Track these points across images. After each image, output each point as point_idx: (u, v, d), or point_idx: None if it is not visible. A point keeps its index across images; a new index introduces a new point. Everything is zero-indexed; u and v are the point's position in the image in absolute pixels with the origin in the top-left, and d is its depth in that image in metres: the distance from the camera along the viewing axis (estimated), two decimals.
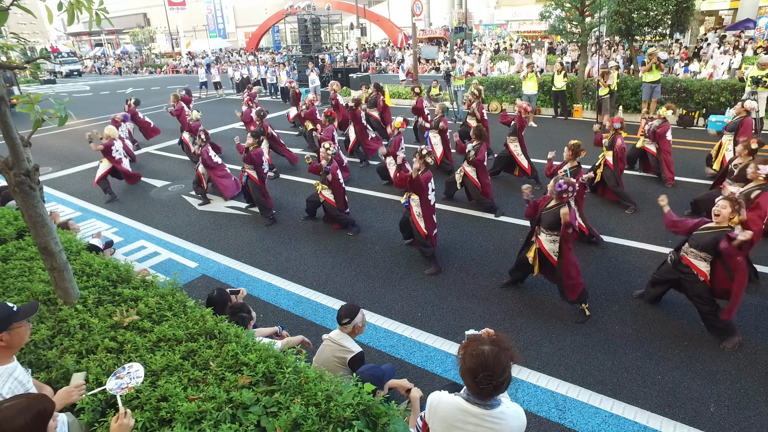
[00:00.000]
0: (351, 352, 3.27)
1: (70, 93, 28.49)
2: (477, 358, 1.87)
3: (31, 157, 3.06)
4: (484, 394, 1.92)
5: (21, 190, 2.98)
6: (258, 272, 5.95)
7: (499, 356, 1.86)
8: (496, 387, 1.88)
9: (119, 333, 2.92)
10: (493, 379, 1.85)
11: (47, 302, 3.35)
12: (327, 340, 3.40)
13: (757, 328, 4.39)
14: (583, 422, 3.51)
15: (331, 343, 3.35)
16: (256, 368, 2.52)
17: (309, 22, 20.35)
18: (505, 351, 1.89)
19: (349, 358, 3.25)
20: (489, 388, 1.87)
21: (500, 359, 1.86)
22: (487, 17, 42.27)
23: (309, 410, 2.20)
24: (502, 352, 1.88)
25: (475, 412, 1.94)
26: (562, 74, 13.03)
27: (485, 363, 1.85)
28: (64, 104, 2.79)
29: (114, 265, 3.86)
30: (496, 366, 1.85)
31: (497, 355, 1.86)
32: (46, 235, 3.11)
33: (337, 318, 3.37)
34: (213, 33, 55.14)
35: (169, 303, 3.29)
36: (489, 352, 1.87)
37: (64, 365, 2.63)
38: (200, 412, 2.24)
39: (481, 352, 1.88)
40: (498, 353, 1.87)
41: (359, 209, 7.70)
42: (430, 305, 5.08)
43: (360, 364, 3.26)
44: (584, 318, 4.67)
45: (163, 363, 2.61)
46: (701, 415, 3.52)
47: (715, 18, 31.98)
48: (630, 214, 6.94)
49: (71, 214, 8.20)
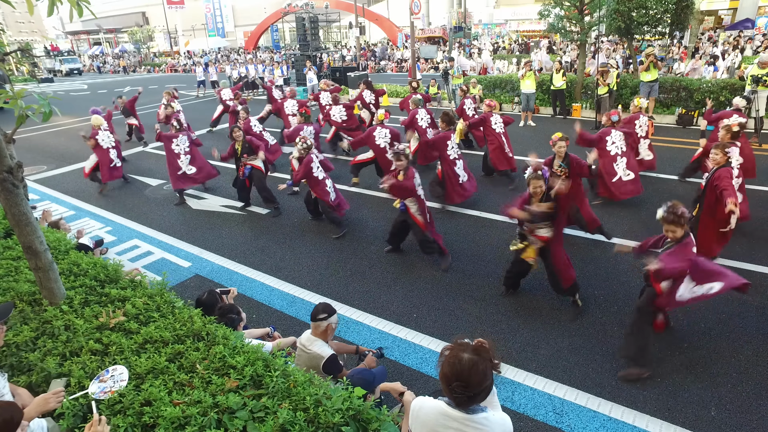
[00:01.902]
0: (322, 358, 3.07)
1: (67, 91, 28.39)
2: (453, 366, 1.79)
3: (15, 153, 2.98)
4: (458, 402, 1.84)
5: (3, 188, 2.90)
6: (252, 272, 5.87)
7: (476, 366, 1.76)
8: (470, 398, 1.80)
9: (105, 334, 2.84)
10: (467, 389, 1.77)
11: (32, 303, 3.27)
12: (299, 347, 3.21)
13: (758, 331, 4.32)
14: (581, 426, 3.43)
15: (303, 351, 3.17)
16: (243, 371, 2.45)
17: (307, 21, 20.24)
18: (485, 361, 1.79)
19: (321, 365, 3.06)
20: (462, 398, 1.80)
21: (477, 370, 1.76)
22: (486, 16, 42.24)
23: (297, 415, 2.13)
24: (481, 362, 1.77)
25: (456, 417, 1.86)
26: (560, 73, 12.97)
27: (460, 372, 1.77)
28: (47, 100, 2.72)
29: (102, 265, 3.79)
30: (472, 376, 1.75)
31: (475, 364, 1.76)
32: (30, 234, 3.03)
33: (312, 314, 3.16)
34: (212, 32, 55.06)
35: (158, 304, 3.21)
36: (466, 362, 1.77)
37: (45, 368, 2.55)
38: (184, 417, 2.16)
39: (458, 360, 1.79)
40: (476, 363, 1.77)
41: (354, 208, 7.62)
42: (426, 306, 5.00)
43: (335, 366, 3.08)
44: (578, 310, 4.61)
45: (149, 366, 2.54)
46: (702, 419, 3.45)
47: (714, 17, 31.97)
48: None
49: (65, 212, 8.12)
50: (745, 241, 5.82)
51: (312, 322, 3.17)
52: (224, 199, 8.33)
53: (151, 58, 51.83)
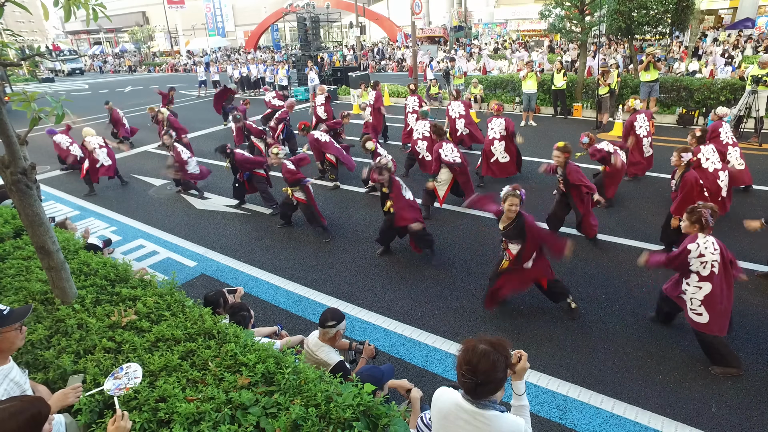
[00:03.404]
0: (329, 365, 3.07)
1: (68, 91, 28.42)
2: (466, 352, 1.90)
3: (28, 155, 3.03)
4: (466, 388, 1.93)
5: (17, 189, 2.95)
6: (257, 271, 5.93)
7: (487, 356, 1.85)
8: (477, 385, 1.87)
9: (117, 333, 2.89)
10: (474, 376, 1.85)
11: (44, 302, 3.32)
12: (307, 349, 3.23)
13: (758, 329, 4.38)
14: (584, 423, 3.49)
15: (310, 355, 3.17)
16: (255, 368, 2.50)
17: (308, 21, 20.27)
18: (498, 354, 1.87)
19: (328, 372, 3.01)
20: (470, 384, 1.88)
21: (488, 359, 1.85)
22: (487, 16, 42.23)
23: (309, 411, 2.18)
24: (493, 354, 1.86)
25: (467, 409, 1.94)
26: (561, 73, 13.01)
27: (470, 358, 1.87)
28: (60, 102, 2.77)
29: (112, 265, 3.83)
30: (480, 363, 1.84)
31: (486, 354, 1.85)
32: (42, 234, 3.08)
33: (320, 320, 3.16)
34: (212, 31, 55.04)
35: (168, 303, 3.26)
36: (479, 350, 1.87)
37: (61, 365, 2.60)
38: (199, 413, 2.21)
39: (472, 347, 1.90)
40: (487, 353, 1.86)
41: (357, 208, 7.68)
42: (430, 304, 5.06)
43: (343, 373, 3.06)
44: (575, 313, 4.64)
45: (162, 363, 2.59)
46: (703, 415, 3.50)
47: (714, 17, 31.99)
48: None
49: (70, 212, 8.17)
50: (746, 241, 5.87)
51: (320, 328, 3.19)
52: (228, 199, 8.38)
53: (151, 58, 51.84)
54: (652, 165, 8.16)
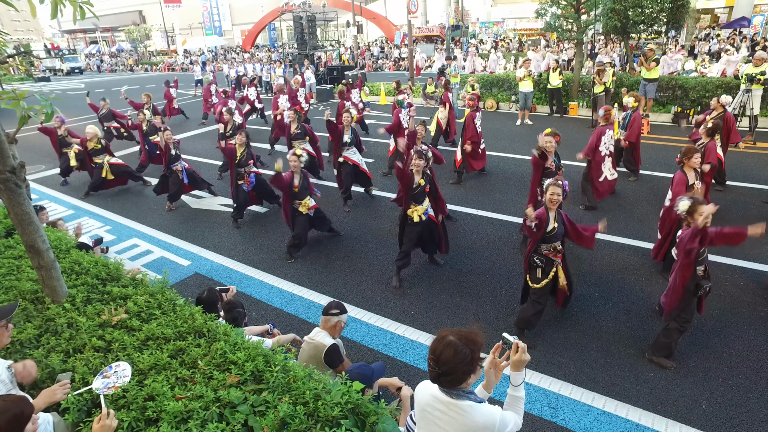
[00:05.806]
0: (324, 346, 3.18)
1: (64, 90, 28.30)
2: (434, 341, 1.96)
3: (17, 153, 3.02)
4: (431, 377, 1.97)
5: (6, 188, 2.94)
6: (251, 270, 5.92)
7: (451, 346, 1.87)
8: (439, 375, 1.91)
9: (107, 332, 2.89)
10: (435, 366, 1.89)
11: (35, 301, 3.31)
12: (306, 339, 3.34)
13: (749, 326, 4.40)
14: (576, 420, 3.50)
15: (308, 341, 3.29)
16: (244, 367, 2.50)
17: (305, 20, 20.25)
18: (463, 346, 1.88)
19: (323, 354, 3.16)
20: (433, 373, 1.92)
21: (450, 349, 1.87)
22: (484, 15, 42.20)
23: (297, 409, 2.18)
24: (458, 345, 1.87)
25: (442, 399, 1.97)
26: (557, 72, 13.02)
27: (435, 347, 1.92)
28: (50, 100, 2.76)
29: (103, 264, 3.83)
30: (442, 354, 1.88)
31: (450, 344, 1.88)
32: (32, 233, 3.07)
33: (324, 308, 3.32)
34: (209, 30, 54.86)
35: (159, 301, 3.26)
36: (444, 342, 1.91)
37: (50, 365, 2.60)
38: (187, 412, 2.22)
39: (441, 337, 1.94)
40: (452, 344, 1.88)
41: (353, 207, 7.67)
42: (423, 303, 5.06)
43: (336, 355, 3.20)
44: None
45: (151, 362, 2.59)
46: (693, 412, 3.52)
47: (710, 16, 32.06)
48: None
49: (64, 212, 8.14)
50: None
51: (323, 315, 3.32)
52: (223, 198, 8.36)
53: (148, 57, 51.67)
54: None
